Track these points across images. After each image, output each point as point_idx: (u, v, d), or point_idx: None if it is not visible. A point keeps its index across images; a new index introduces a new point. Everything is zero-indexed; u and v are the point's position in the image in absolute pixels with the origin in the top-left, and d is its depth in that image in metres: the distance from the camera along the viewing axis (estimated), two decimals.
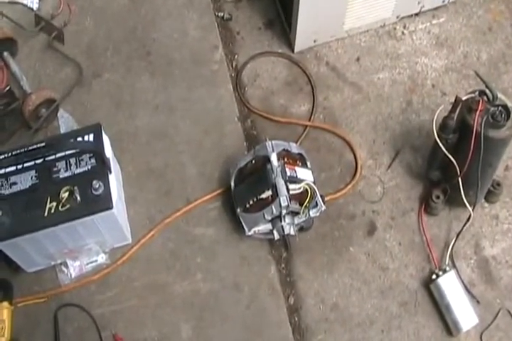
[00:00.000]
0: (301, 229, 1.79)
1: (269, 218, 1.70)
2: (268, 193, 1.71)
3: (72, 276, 1.74)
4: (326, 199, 1.79)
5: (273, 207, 1.69)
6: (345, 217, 1.86)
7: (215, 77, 2.04)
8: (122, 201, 1.78)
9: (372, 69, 2.06)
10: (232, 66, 2.07)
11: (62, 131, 1.90)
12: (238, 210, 1.76)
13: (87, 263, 1.74)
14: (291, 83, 2.05)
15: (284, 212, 1.68)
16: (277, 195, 1.69)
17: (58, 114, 1.93)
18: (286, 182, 1.70)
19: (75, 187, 1.61)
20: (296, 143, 1.92)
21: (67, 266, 1.74)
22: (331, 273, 1.79)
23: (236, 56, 2.08)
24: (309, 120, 1.99)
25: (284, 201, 1.67)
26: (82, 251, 1.72)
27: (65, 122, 1.90)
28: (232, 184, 1.81)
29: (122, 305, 1.73)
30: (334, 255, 1.81)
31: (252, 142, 1.96)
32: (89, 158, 1.66)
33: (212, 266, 1.79)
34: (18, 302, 1.71)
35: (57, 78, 2.01)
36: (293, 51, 2.08)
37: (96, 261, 1.75)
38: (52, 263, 1.75)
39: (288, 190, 1.69)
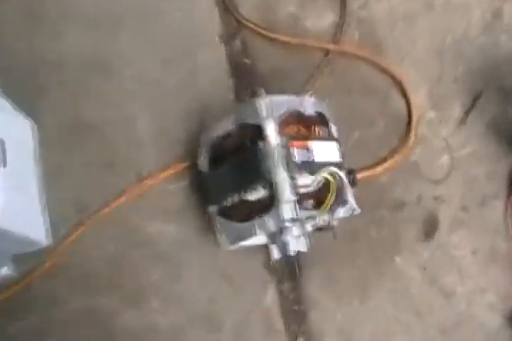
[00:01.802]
0: (319, 229, 1.18)
1: (263, 234, 1.13)
2: (260, 193, 1.12)
3: None
4: (359, 176, 1.21)
5: (269, 219, 1.11)
6: (390, 206, 1.31)
7: None
8: (33, 185, 1.23)
9: None
10: None
11: None
12: (210, 209, 1.19)
13: None
14: None
15: (287, 225, 1.10)
16: (277, 198, 1.10)
17: None
18: (292, 173, 1.10)
19: None
20: (311, 80, 1.33)
21: None
22: (363, 299, 1.27)
23: None
24: (335, 41, 1.37)
25: (287, 212, 1.09)
26: None
27: None
28: (203, 163, 1.22)
29: None
30: (370, 269, 1.28)
31: (243, 78, 1.35)
32: None
33: (174, 286, 1.25)
34: None
35: None
36: None
37: None
38: None
39: (296, 187, 1.09)
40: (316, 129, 1.20)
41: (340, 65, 1.37)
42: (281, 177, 1.09)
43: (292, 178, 1.10)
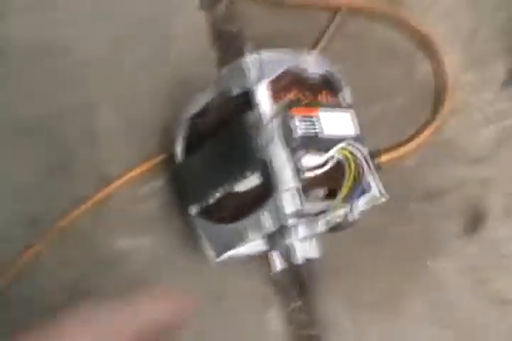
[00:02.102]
0: (334, 228, 0.92)
1: (258, 237, 0.88)
2: (252, 181, 0.86)
3: None
4: (381, 160, 0.98)
5: (265, 215, 0.84)
6: (422, 196, 1.03)
7: None
8: None
9: None
10: None
11: None
12: (192, 211, 0.94)
13: None
14: None
15: (291, 223, 0.84)
16: (274, 185, 0.84)
17: None
18: (294, 152, 0.83)
19: None
20: (316, 46, 1.07)
21: None
22: (393, 317, 0.99)
23: None
24: None
25: (289, 204, 0.82)
26: None
27: None
28: (178, 151, 0.97)
29: None
30: (399, 277, 1.00)
31: (229, 49, 1.11)
32: None
33: None
34: None
35: None
36: None
37: None
38: None
39: (299, 171, 0.82)
40: (324, 95, 0.93)
41: (353, 24, 1.11)
42: (280, 156, 0.83)
43: (294, 158, 0.84)
